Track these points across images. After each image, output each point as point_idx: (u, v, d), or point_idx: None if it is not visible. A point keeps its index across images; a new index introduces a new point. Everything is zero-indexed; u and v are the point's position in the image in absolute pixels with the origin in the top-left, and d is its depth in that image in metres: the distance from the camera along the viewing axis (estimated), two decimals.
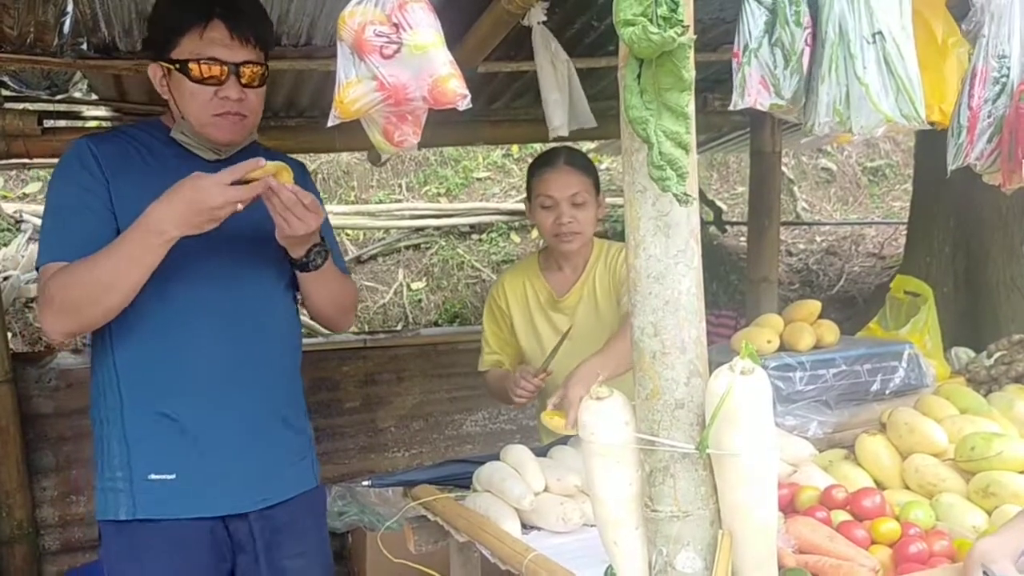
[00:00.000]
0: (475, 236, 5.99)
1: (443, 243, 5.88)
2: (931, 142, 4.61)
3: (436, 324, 5.46)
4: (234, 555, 1.83)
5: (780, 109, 1.43)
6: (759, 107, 1.43)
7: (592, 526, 1.82)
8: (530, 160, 6.97)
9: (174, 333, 1.75)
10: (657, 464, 1.23)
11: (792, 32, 1.41)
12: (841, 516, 1.59)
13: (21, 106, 2.99)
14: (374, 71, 1.25)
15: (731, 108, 1.46)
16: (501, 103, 3.68)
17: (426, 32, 1.24)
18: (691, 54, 1.14)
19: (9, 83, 2.82)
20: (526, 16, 2.44)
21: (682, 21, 1.12)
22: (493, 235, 5.98)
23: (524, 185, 2.86)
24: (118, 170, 1.75)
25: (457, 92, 1.25)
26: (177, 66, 1.74)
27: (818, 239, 6.52)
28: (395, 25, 1.23)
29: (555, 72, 2.59)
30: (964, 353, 2.67)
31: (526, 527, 1.84)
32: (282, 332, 1.92)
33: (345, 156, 6.15)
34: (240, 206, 1.62)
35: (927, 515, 1.61)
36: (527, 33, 2.51)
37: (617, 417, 1.26)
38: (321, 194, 1.96)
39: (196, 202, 1.60)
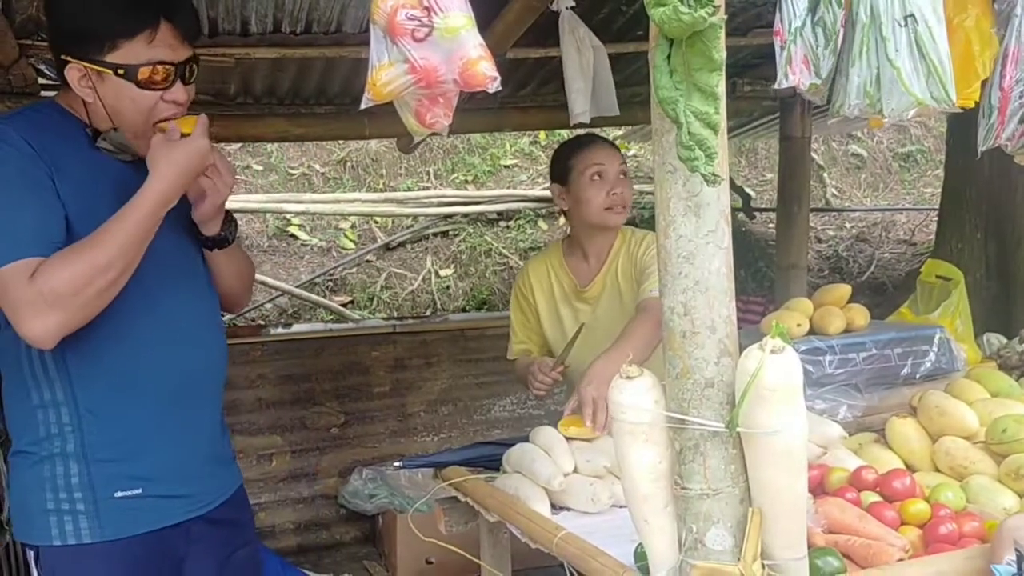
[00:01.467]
0: (503, 223, 6.00)
1: (471, 230, 5.90)
2: (962, 127, 4.56)
3: (464, 310, 5.48)
4: (184, 556, 1.78)
5: (815, 89, 1.43)
6: (802, 87, 1.43)
7: (621, 507, 1.84)
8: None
9: (131, 349, 1.67)
10: (687, 442, 1.24)
11: (834, 12, 1.41)
12: (871, 497, 1.59)
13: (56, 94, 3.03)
14: (406, 54, 1.27)
15: (776, 87, 1.46)
16: (529, 89, 3.68)
17: (457, 15, 1.25)
18: (721, 34, 1.15)
19: (45, 71, 2.85)
20: (555, 1, 2.45)
21: (712, 1, 1.13)
22: (520, 222, 5.99)
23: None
24: (57, 168, 1.60)
25: (487, 74, 1.26)
26: (120, 71, 1.60)
27: (848, 225, 6.47)
28: (427, 8, 1.25)
29: (580, 58, 2.60)
30: (996, 339, 2.65)
31: (555, 507, 1.86)
32: (219, 334, 1.88)
33: (374, 144, 6.17)
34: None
35: (957, 497, 1.61)
36: (556, 19, 2.51)
37: (647, 396, 1.27)
38: (350, 182, 1.95)
39: (191, 168, 1.61)
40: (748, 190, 6.26)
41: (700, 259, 1.23)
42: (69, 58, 1.62)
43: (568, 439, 1.97)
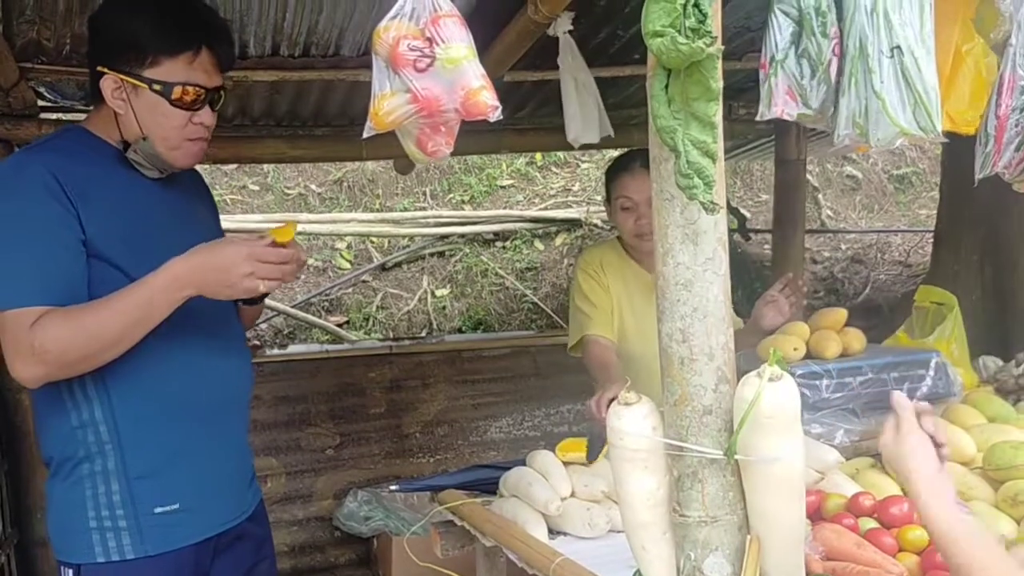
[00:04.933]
0: (499, 243, 6.00)
1: (467, 250, 5.90)
2: (958, 150, 4.57)
3: (460, 331, 5.48)
4: (209, 570, 1.83)
5: (808, 119, 1.44)
6: (786, 117, 1.44)
7: (619, 532, 1.83)
8: (553, 169, 6.98)
9: (166, 367, 1.71)
10: (685, 469, 1.24)
11: (819, 43, 1.43)
12: (868, 523, 1.59)
13: (56, 116, 3.05)
14: (408, 84, 1.28)
15: (758, 119, 1.48)
16: (526, 111, 3.70)
17: (459, 46, 1.27)
18: (719, 64, 1.16)
19: (46, 94, 2.87)
20: (552, 26, 2.46)
21: (711, 32, 1.14)
22: (517, 242, 5.99)
23: (548, 192, 2.89)
24: (82, 196, 1.64)
25: (489, 104, 1.28)
26: (156, 86, 1.67)
27: (843, 247, 6.48)
28: (428, 39, 1.26)
29: (576, 83, 2.61)
30: (992, 362, 2.65)
31: (553, 532, 1.85)
32: (246, 355, 1.94)
33: (370, 164, 6.17)
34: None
35: None
36: (552, 43, 2.53)
37: (646, 422, 1.27)
38: (347, 202, 1.97)
39: (227, 270, 1.60)
40: (744, 211, 6.28)
41: (698, 286, 1.23)
42: (106, 69, 1.69)
43: (565, 463, 1.97)
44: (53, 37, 2.45)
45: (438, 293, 5.71)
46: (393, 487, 2.14)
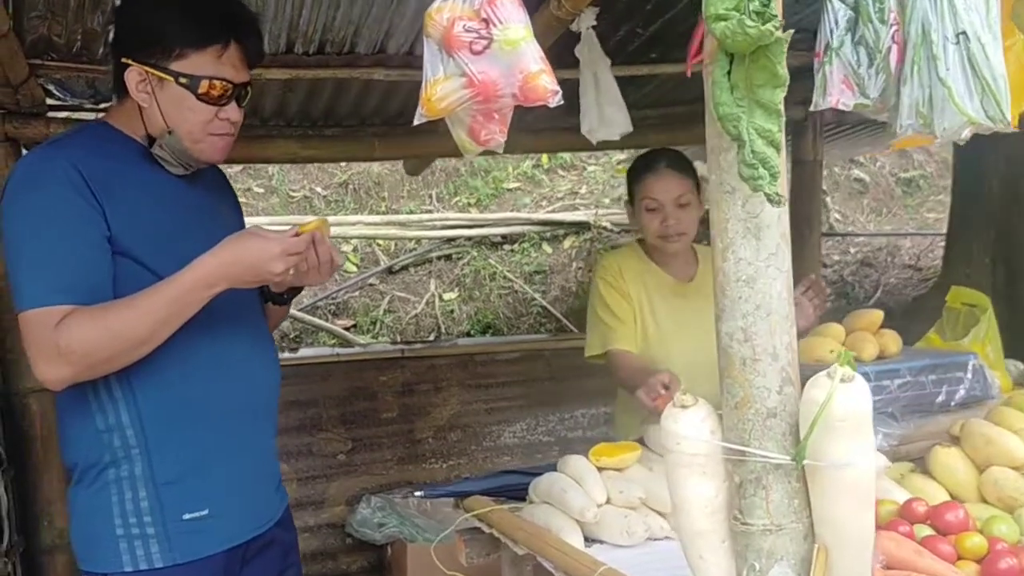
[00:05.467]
0: (507, 246, 5.95)
1: (475, 253, 5.85)
2: (969, 153, 4.56)
3: (468, 335, 5.43)
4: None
5: (867, 109, 1.39)
6: (842, 107, 1.39)
7: (656, 540, 1.78)
8: (560, 171, 6.93)
9: (194, 369, 1.67)
10: (748, 475, 1.18)
11: (876, 29, 1.37)
12: (924, 531, 1.53)
13: (64, 114, 2.99)
14: (463, 67, 1.21)
15: (812, 109, 1.42)
16: (539, 111, 3.64)
17: (517, 27, 1.20)
18: (786, 49, 1.10)
19: (55, 91, 2.81)
20: (576, 21, 2.41)
21: (776, 15, 1.08)
22: (525, 245, 5.94)
23: (555, 195, 2.84)
24: (107, 192, 1.60)
25: (548, 88, 1.22)
26: (183, 79, 1.63)
27: (852, 251, 6.44)
28: (484, 20, 1.20)
29: (594, 77, 2.56)
30: (1013, 365, 2.61)
31: (588, 540, 1.79)
32: (275, 357, 1.90)
33: (376, 167, 6.13)
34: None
35: (1011, 529, 1.55)
36: (566, 40, 2.47)
37: (703, 426, 1.22)
38: (352, 204, 1.93)
39: (257, 267, 1.57)
40: None
41: (761, 283, 1.18)
42: (131, 61, 1.65)
43: (599, 468, 1.91)
44: (64, 33, 2.40)
45: (446, 296, 5.66)
46: (418, 493, 2.07)
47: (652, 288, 2.54)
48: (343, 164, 6.03)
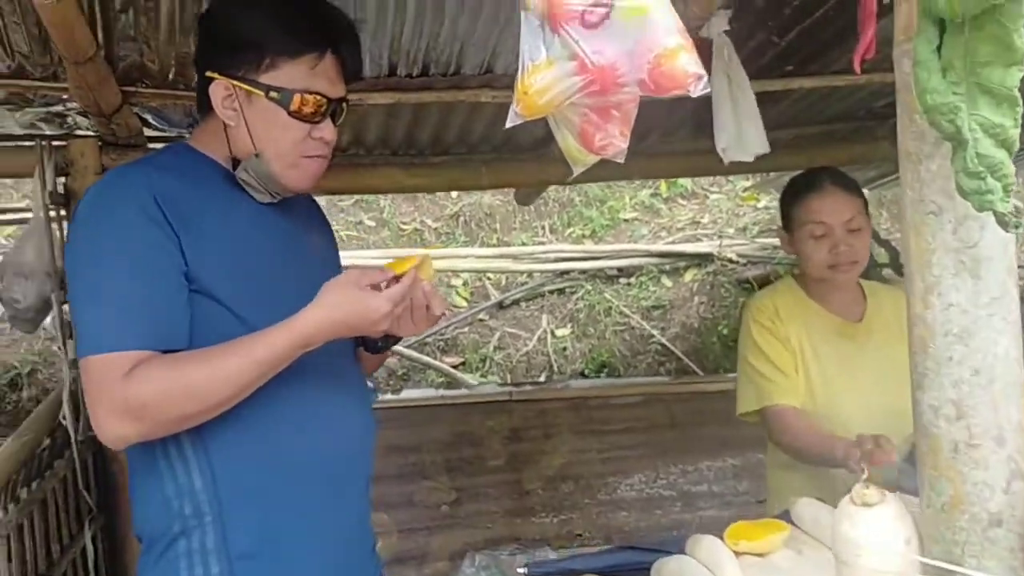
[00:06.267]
0: (623, 280, 5.68)
1: (589, 287, 5.61)
2: None
3: (583, 374, 5.18)
4: None
5: None
6: None
7: None
8: (680, 200, 6.63)
9: (275, 427, 1.48)
10: None
11: None
12: None
13: (163, 145, 2.93)
14: (572, 47, 0.90)
15: None
16: (655, 135, 3.37)
17: None
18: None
19: (152, 120, 2.74)
20: (705, 27, 2.13)
21: None
22: (643, 279, 5.66)
23: (675, 225, 2.57)
24: (183, 220, 1.43)
25: (689, 72, 0.90)
26: (273, 94, 1.47)
27: None
28: None
29: (729, 89, 2.27)
30: None
31: None
32: (368, 412, 1.69)
33: (488, 198, 6.00)
34: None
35: None
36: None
37: (896, 532, 0.90)
38: (463, 237, 1.74)
39: (361, 328, 1.40)
40: (895, 244, 5.77)
41: (981, 338, 0.86)
42: (216, 74, 1.49)
43: (737, 554, 1.60)
44: (157, 59, 2.31)
45: (558, 333, 5.43)
46: (521, 569, 1.81)
47: (815, 330, 2.21)
48: (454, 195, 5.94)
